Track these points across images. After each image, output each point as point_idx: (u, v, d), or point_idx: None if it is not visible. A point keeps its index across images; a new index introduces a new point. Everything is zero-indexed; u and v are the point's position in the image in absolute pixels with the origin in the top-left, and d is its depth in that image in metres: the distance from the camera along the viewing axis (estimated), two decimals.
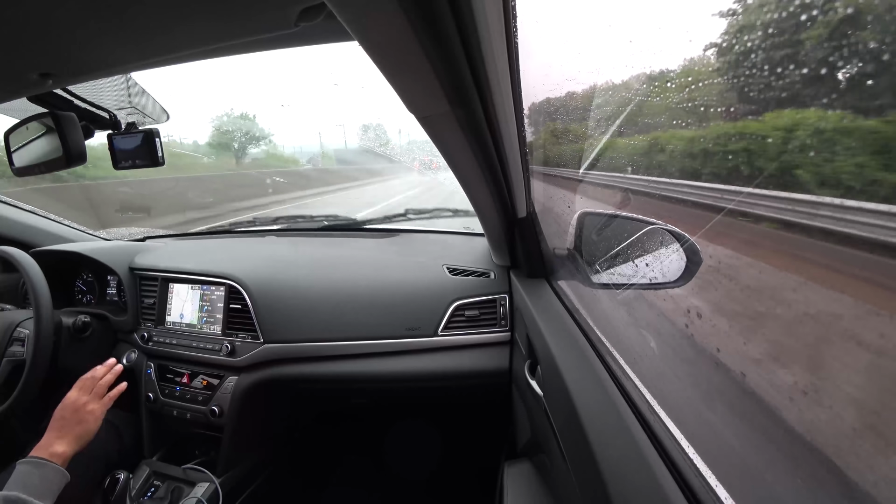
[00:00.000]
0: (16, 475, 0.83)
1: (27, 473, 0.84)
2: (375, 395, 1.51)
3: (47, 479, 0.84)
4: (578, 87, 0.88)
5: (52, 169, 0.87)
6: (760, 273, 0.50)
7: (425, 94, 0.52)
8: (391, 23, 0.38)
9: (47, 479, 0.84)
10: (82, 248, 1.46)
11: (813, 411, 0.39)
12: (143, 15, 0.45)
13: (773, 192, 0.44)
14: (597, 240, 0.96)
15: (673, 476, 0.45)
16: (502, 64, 0.50)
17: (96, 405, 1.01)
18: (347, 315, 1.25)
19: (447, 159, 0.73)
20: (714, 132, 0.53)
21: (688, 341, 0.58)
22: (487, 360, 1.22)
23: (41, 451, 0.89)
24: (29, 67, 0.59)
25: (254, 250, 1.56)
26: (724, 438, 0.50)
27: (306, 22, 0.46)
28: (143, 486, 1.20)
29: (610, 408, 0.58)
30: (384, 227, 1.76)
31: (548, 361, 0.78)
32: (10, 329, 1.17)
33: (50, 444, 0.91)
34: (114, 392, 1.06)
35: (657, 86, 0.61)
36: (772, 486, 0.43)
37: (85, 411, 0.98)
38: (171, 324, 1.39)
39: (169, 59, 0.60)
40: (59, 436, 0.93)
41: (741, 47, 0.44)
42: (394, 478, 1.75)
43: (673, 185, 0.67)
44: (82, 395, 1.01)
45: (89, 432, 0.97)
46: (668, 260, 0.72)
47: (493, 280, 1.29)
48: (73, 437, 0.94)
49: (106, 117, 0.94)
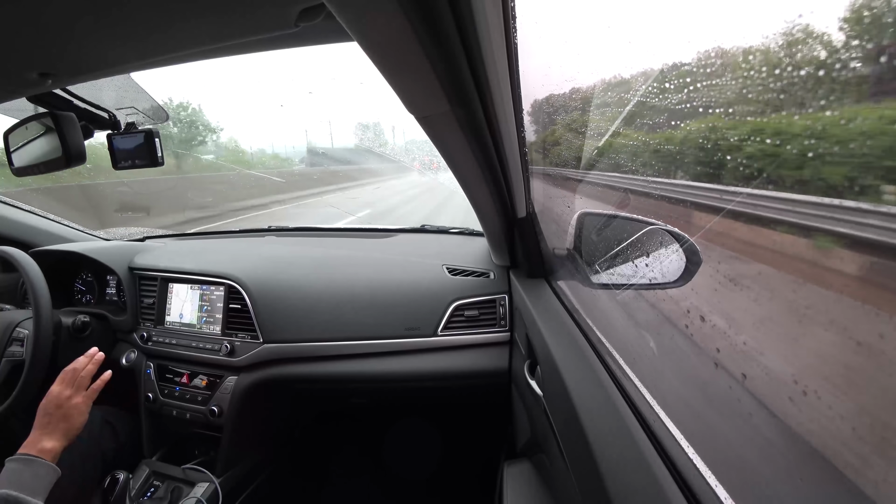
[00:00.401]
0: (5, 473, 0.83)
1: (17, 471, 0.84)
2: (375, 395, 1.51)
3: (38, 475, 0.84)
4: (578, 87, 0.88)
5: (51, 169, 0.87)
6: (761, 273, 0.50)
7: (425, 94, 0.52)
8: (390, 23, 0.38)
9: (38, 476, 0.84)
10: (82, 248, 1.46)
11: (813, 411, 0.39)
12: (142, 15, 0.45)
13: (771, 193, 0.44)
14: (596, 240, 0.96)
15: (673, 476, 0.45)
16: (502, 64, 0.50)
17: (80, 398, 0.99)
18: (347, 315, 1.25)
19: (447, 159, 0.72)
20: (709, 129, 0.53)
21: (687, 341, 0.58)
22: (487, 360, 1.22)
23: (29, 448, 0.88)
24: (28, 67, 0.59)
25: (253, 250, 1.56)
26: (724, 438, 0.50)
27: (306, 22, 0.47)
28: (142, 486, 1.20)
29: (609, 407, 0.58)
30: (384, 227, 1.76)
31: (547, 361, 0.78)
32: (10, 329, 1.17)
33: (38, 440, 0.90)
34: (97, 383, 1.04)
35: (656, 86, 0.61)
36: (772, 486, 0.43)
37: (69, 405, 0.97)
38: (170, 324, 1.39)
39: (169, 59, 0.60)
40: (46, 432, 0.92)
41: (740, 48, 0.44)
42: (393, 477, 1.75)
43: (672, 185, 0.67)
44: (65, 388, 0.99)
45: (76, 426, 0.96)
46: (668, 260, 0.72)
47: (492, 280, 1.29)
48: (61, 433, 0.93)
49: (105, 117, 0.94)
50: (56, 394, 0.98)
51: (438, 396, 1.50)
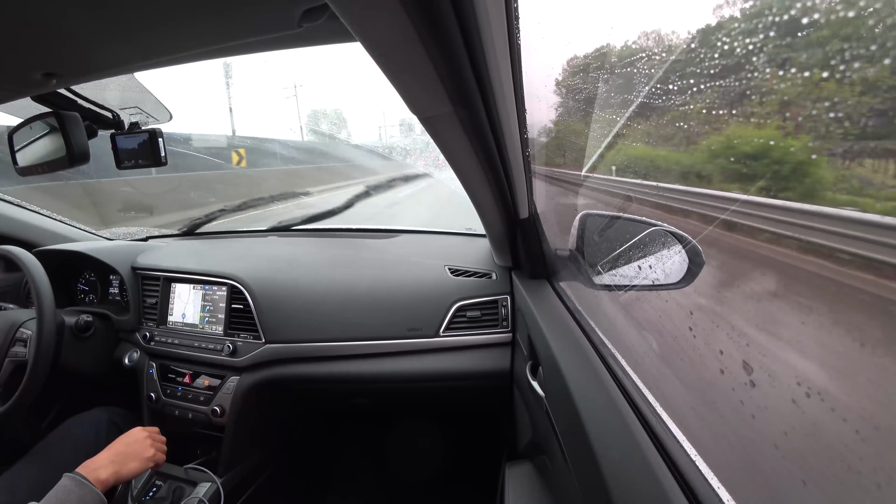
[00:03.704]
0: (58, 488, 0.83)
1: (68, 491, 0.83)
2: (376, 396, 1.51)
3: (83, 501, 0.83)
4: (579, 87, 0.88)
5: (55, 168, 0.87)
6: (764, 275, 0.50)
7: (428, 94, 0.52)
8: (393, 24, 0.38)
9: (84, 502, 0.83)
10: (85, 248, 1.46)
11: (817, 413, 0.39)
12: (147, 15, 0.46)
13: (769, 200, 0.44)
14: (599, 241, 0.95)
15: (675, 477, 0.45)
16: (504, 65, 0.50)
17: (153, 454, 1.02)
18: (349, 315, 1.25)
19: (449, 160, 0.72)
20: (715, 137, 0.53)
21: (690, 342, 0.58)
22: (489, 361, 1.22)
23: (89, 470, 0.88)
24: (33, 67, 0.59)
25: (255, 250, 1.56)
26: (727, 440, 0.50)
27: (309, 23, 0.47)
28: (144, 486, 1.20)
29: (612, 409, 0.58)
30: (386, 227, 1.76)
31: (549, 362, 0.78)
32: (14, 329, 1.17)
33: (100, 465, 0.90)
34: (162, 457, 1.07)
35: (658, 88, 0.61)
36: (775, 488, 0.43)
37: (144, 454, 0.99)
38: (172, 323, 1.39)
39: (173, 59, 0.60)
40: (112, 461, 0.92)
41: (743, 50, 0.44)
42: (395, 478, 1.75)
43: (673, 190, 0.67)
44: (149, 437, 1.03)
45: (132, 473, 0.96)
46: (671, 261, 0.72)
47: (494, 281, 1.29)
48: (124, 469, 0.94)
49: (109, 117, 0.95)
50: (142, 438, 1.02)
51: (440, 397, 1.50)
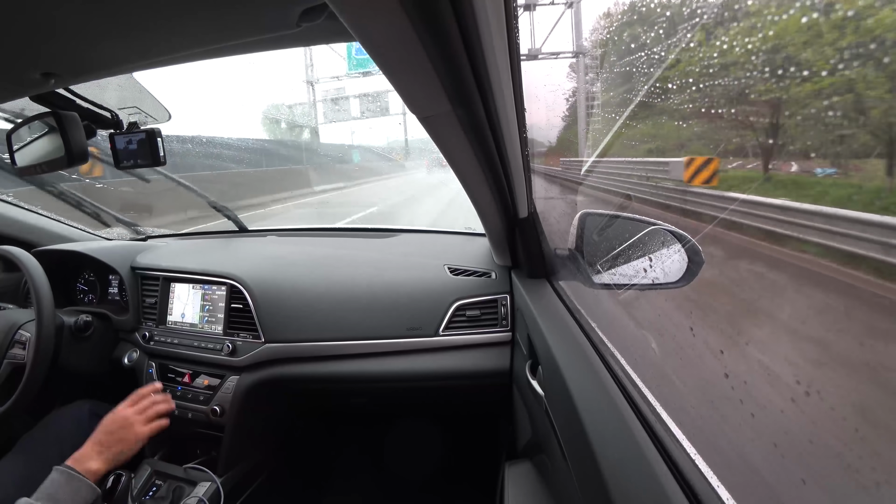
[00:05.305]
0: (48, 483, 0.82)
1: (59, 484, 0.82)
2: (376, 395, 1.51)
3: (78, 493, 0.82)
4: (579, 88, 0.88)
5: (53, 168, 0.87)
6: (764, 275, 0.50)
7: (426, 93, 0.52)
8: (392, 23, 0.38)
9: (77, 493, 0.82)
10: (84, 248, 1.46)
11: (815, 412, 0.39)
12: (145, 15, 0.45)
13: (769, 200, 0.44)
14: (598, 240, 0.95)
15: (675, 476, 0.45)
16: (504, 64, 0.50)
17: (143, 428, 0.98)
18: (348, 315, 1.25)
19: (448, 159, 0.72)
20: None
21: (690, 342, 0.58)
22: (488, 361, 1.22)
23: (78, 462, 0.87)
24: (31, 67, 0.59)
25: (255, 250, 1.56)
26: (727, 439, 0.50)
27: (308, 22, 0.47)
28: (144, 486, 1.20)
29: (611, 408, 0.58)
30: (385, 227, 1.76)
31: (549, 362, 0.78)
32: (13, 331, 1.17)
33: (88, 457, 0.89)
34: (160, 423, 1.04)
35: (658, 86, 0.61)
36: (774, 487, 0.43)
37: (131, 431, 0.96)
38: (172, 323, 1.39)
39: (171, 59, 0.60)
40: (99, 450, 0.91)
41: (742, 50, 0.44)
42: (394, 477, 1.75)
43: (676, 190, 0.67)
44: (135, 413, 0.99)
45: (126, 454, 0.94)
46: (670, 260, 0.72)
47: (494, 280, 1.29)
48: (112, 455, 0.92)
49: (108, 117, 0.94)
50: (124, 416, 0.98)
51: (439, 396, 1.50)
